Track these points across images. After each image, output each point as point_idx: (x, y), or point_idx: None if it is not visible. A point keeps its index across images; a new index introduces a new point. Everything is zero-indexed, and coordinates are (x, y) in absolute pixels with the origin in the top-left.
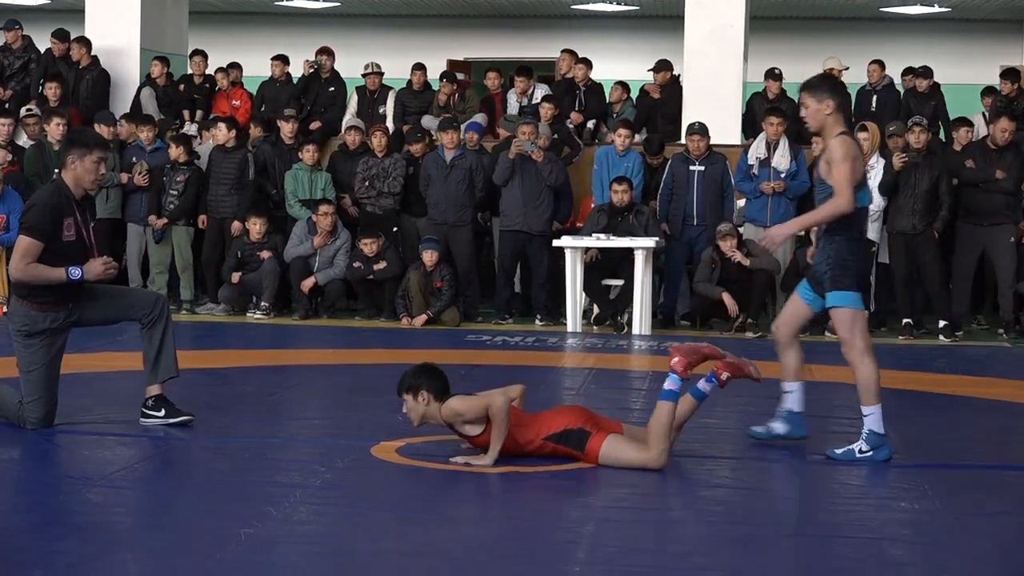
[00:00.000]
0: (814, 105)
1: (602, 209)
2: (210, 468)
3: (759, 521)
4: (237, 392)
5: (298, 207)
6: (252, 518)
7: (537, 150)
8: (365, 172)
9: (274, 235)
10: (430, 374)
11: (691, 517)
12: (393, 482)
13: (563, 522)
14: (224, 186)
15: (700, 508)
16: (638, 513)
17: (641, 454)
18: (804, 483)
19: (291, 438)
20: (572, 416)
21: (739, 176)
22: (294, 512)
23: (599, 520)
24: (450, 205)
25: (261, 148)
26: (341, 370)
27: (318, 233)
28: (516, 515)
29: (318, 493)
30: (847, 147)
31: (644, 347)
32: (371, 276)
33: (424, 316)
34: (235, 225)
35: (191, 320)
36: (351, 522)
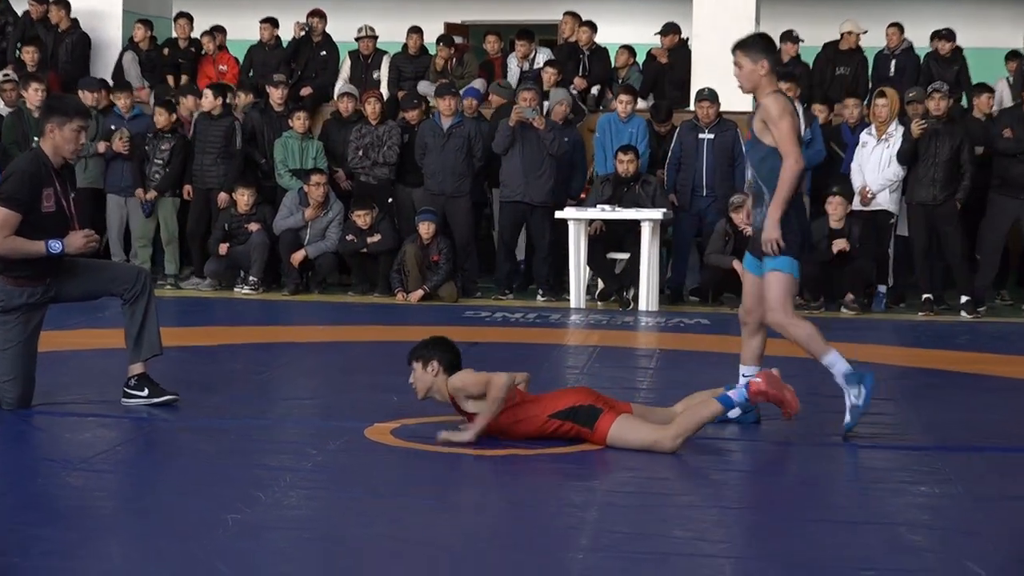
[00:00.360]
0: (749, 65)
1: (607, 179)
2: (196, 450)
3: (771, 506)
4: (224, 371)
5: (288, 177)
6: (240, 503)
7: (539, 117)
8: (358, 141)
9: (263, 206)
10: (443, 346)
11: (700, 502)
12: (388, 465)
13: (566, 507)
14: (210, 155)
15: (709, 492)
16: (644, 498)
17: (655, 433)
18: (819, 467)
19: (281, 419)
20: (580, 395)
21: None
22: (284, 497)
23: (603, 505)
24: (447, 175)
25: (249, 115)
26: (333, 348)
27: (309, 204)
28: (516, 499)
29: (309, 477)
30: (783, 103)
31: (651, 324)
32: (365, 249)
33: (420, 291)
34: (222, 196)
35: (175, 295)
36: (343, 507)
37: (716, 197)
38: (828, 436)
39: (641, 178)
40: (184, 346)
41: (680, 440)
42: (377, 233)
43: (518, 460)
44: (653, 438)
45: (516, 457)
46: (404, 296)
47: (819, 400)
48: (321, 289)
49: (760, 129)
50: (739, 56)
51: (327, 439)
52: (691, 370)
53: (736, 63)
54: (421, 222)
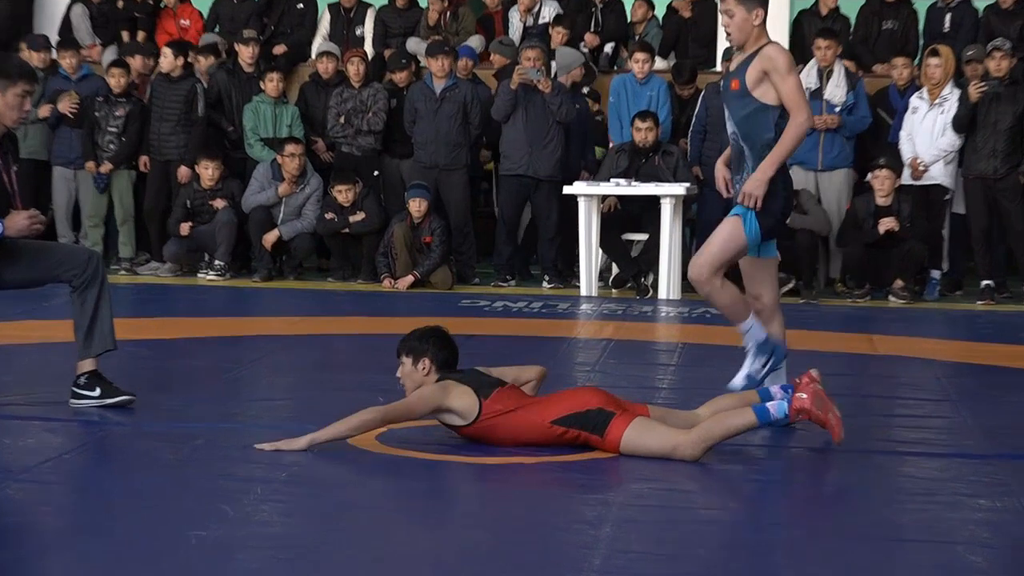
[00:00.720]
0: (742, 14)
1: (622, 149)
2: (154, 459)
3: (808, 522)
4: (186, 368)
5: (259, 147)
6: (205, 518)
7: (544, 79)
8: (340, 106)
9: (230, 181)
10: (439, 342)
11: (726, 517)
12: (372, 475)
13: (575, 523)
14: (169, 122)
15: (737, 506)
16: (664, 512)
17: (674, 438)
18: (862, 476)
19: (251, 423)
20: (588, 396)
21: None
22: (255, 511)
23: (618, 521)
24: (441, 145)
25: (215, 78)
26: (311, 342)
27: (283, 178)
28: (519, 515)
29: (283, 488)
30: (789, 56)
31: (672, 314)
32: (346, 229)
33: (410, 277)
34: (182, 170)
35: (131, 282)
36: (322, 523)
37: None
38: (872, 441)
39: (661, 148)
40: (141, 340)
41: (703, 448)
42: (361, 211)
43: (520, 469)
44: (672, 444)
45: (518, 466)
46: (391, 283)
47: (862, 401)
48: (297, 275)
49: (755, 80)
50: (731, 4)
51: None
52: (718, 367)
53: (725, 11)
54: (411, 198)
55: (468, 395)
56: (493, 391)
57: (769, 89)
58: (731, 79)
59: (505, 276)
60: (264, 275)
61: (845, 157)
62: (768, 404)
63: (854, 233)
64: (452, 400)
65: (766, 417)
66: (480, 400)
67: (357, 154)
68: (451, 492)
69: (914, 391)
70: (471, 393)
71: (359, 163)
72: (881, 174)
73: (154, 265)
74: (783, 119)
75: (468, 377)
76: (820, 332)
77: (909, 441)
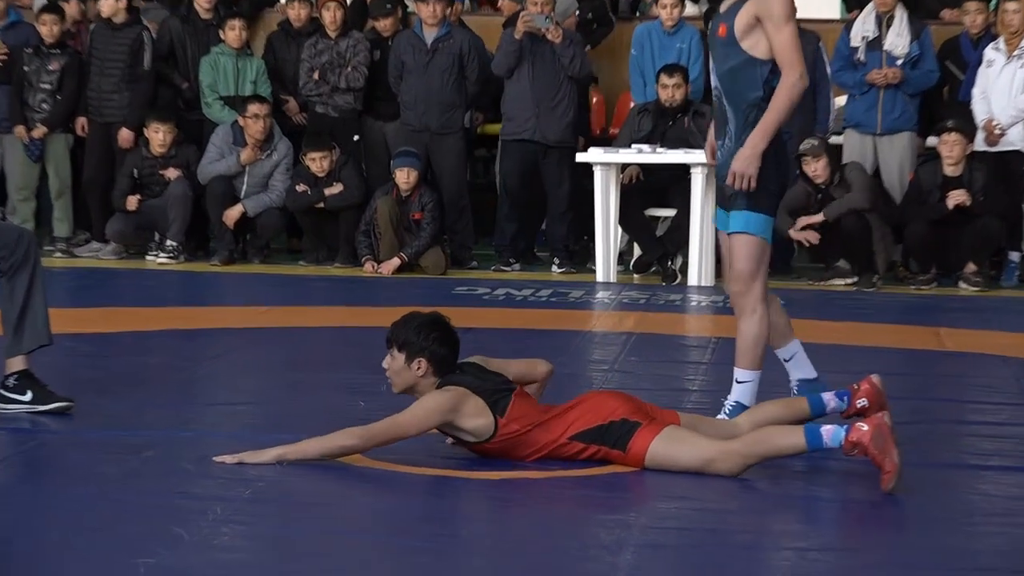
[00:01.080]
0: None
1: (645, 110)
2: (96, 473)
3: (866, 550)
4: (134, 366)
5: (218, 107)
6: (155, 543)
7: (554, 27)
8: (314, 59)
9: (185, 147)
10: (440, 336)
11: (768, 542)
12: (355, 493)
13: (591, 548)
14: (111, 78)
15: (780, 529)
16: (694, 536)
17: (710, 450)
18: (930, 496)
19: (210, 431)
20: (614, 406)
21: (838, 63)
22: (214, 534)
23: (640, 546)
24: (432, 104)
25: (166, 25)
26: (279, 336)
27: (246, 143)
28: (527, 537)
29: (247, 508)
30: (789, 1)
31: (704, 303)
32: (321, 204)
33: (396, 260)
34: (124, 133)
35: (69, 265)
36: (293, 549)
37: (791, 134)
38: (940, 453)
39: (692, 108)
40: (80, 333)
41: (743, 466)
42: (338, 182)
43: (529, 486)
44: (707, 457)
45: (527, 482)
46: (374, 267)
47: (927, 405)
48: (263, 257)
49: (745, 27)
50: None
51: None
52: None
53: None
54: (397, 168)
55: (483, 413)
56: (508, 405)
57: (761, 39)
58: (719, 22)
59: (508, 259)
60: (224, 257)
61: (908, 119)
62: (822, 430)
63: (918, 208)
64: (463, 419)
65: (817, 443)
66: (496, 419)
67: (334, 115)
68: (448, 513)
69: (989, 394)
70: (485, 410)
71: (336, 126)
72: (950, 139)
73: (95, 246)
74: (775, 76)
75: (474, 381)
76: (877, 324)
77: (983, 452)
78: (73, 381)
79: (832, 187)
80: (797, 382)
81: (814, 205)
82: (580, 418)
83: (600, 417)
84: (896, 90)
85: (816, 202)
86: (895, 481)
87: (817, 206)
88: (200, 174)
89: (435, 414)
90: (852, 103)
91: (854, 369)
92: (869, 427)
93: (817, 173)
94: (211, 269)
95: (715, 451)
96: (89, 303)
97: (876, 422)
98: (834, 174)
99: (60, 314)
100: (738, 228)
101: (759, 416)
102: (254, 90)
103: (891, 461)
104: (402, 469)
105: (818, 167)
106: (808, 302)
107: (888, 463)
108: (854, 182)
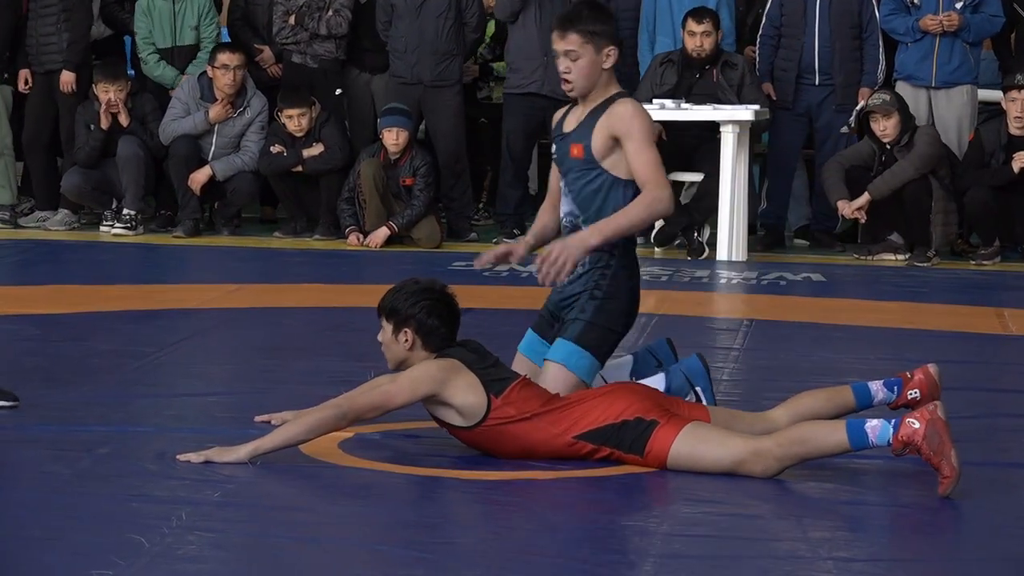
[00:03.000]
0: (589, 56)
1: (669, 60)
2: (45, 473)
3: (917, 559)
4: (86, 352)
5: (154, 62)
6: (111, 552)
7: None
8: (289, 2)
9: (141, 96)
10: (435, 308)
11: (807, 551)
12: (335, 496)
13: (606, 559)
14: (48, 18)
15: (822, 537)
16: (723, 545)
17: (740, 448)
18: (991, 500)
19: (172, 425)
20: (628, 401)
21: (889, 6)
22: (177, 543)
23: (661, 556)
24: (426, 53)
25: None
26: (252, 317)
27: (215, 98)
28: (529, 547)
29: (214, 513)
30: (648, 117)
31: (736, 280)
32: (299, 167)
33: (385, 230)
34: (65, 76)
35: (11, 237)
36: (267, 558)
37: (834, 87)
38: (1003, 452)
39: (722, 59)
40: (24, 315)
41: (779, 467)
42: (318, 143)
43: (532, 488)
44: (737, 458)
45: (531, 484)
46: (359, 238)
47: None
48: (233, 228)
49: (604, 147)
50: (573, 40)
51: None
52: (797, 351)
53: (565, 52)
54: (385, 128)
55: (475, 390)
56: (507, 388)
57: (622, 159)
58: (570, 143)
59: (512, 230)
60: (189, 228)
61: (968, 71)
62: (867, 427)
63: (979, 172)
64: (453, 392)
65: (863, 442)
66: (489, 397)
67: (312, 66)
68: (437, 518)
69: None
70: (478, 387)
71: (316, 78)
72: (1020, 96)
73: (41, 215)
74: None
75: (472, 357)
76: (933, 304)
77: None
78: (17, 370)
79: (897, 148)
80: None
81: (877, 167)
82: (587, 415)
83: (611, 415)
84: (954, 38)
85: (880, 163)
86: (954, 486)
87: (880, 167)
88: (162, 133)
89: (423, 383)
90: (903, 52)
91: (907, 355)
92: (921, 423)
93: (886, 132)
94: (174, 241)
95: (746, 451)
96: (35, 280)
97: (929, 416)
98: (903, 134)
99: (2, 293)
100: (556, 358)
101: (798, 408)
102: (196, 38)
103: (949, 464)
104: (390, 468)
105: (888, 125)
106: (855, 280)
107: (946, 466)
108: (917, 147)
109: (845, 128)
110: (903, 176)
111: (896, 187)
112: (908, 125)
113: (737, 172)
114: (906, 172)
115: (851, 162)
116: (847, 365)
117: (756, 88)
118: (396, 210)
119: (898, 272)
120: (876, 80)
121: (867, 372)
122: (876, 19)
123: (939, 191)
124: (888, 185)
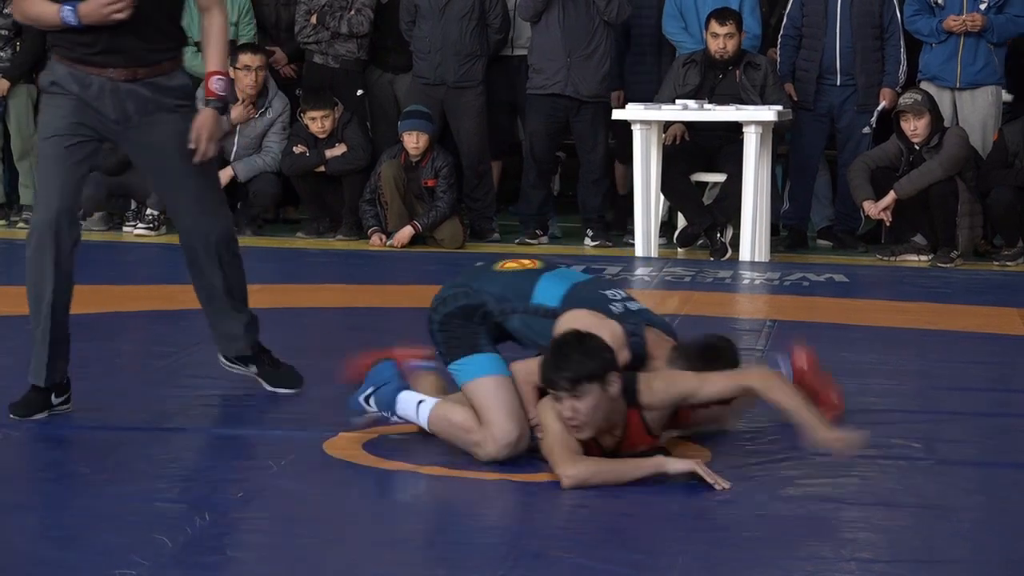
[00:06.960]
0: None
1: (692, 61)
2: (66, 474)
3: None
4: (108, 352)
5: (192, 54)
6: (134, 552)
7: None
8: (311, 1)
9: None
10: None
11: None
12: (355, 495)
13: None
14: None
15: (842, 539)
16: (744, 547)
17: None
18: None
19: (195, 426)
20: None
21: (913, 6)
22: (200, 543)
23: (685, 558)
24: (449, 54)
25: None
26: (274, 318)
27: (236, 99)
28: (552, 548)
29: (239, 514)
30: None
31: (758, 281)
32: (322, 168)
33: (409, 229)
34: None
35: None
36: (289, 558)
37: (855, 88)
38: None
39: (745, 59)
40: None
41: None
42: (340, 143)
43: (555, 488)
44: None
45: (553, 484)
46: (382, 239)
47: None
48: (255, 228)
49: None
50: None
51: (267, 456)
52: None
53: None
54: (405, 132)
55: None
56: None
57: None
58: None
59: (534, 231)
60: None
61: (992, 71)
62: None
63: (1003, 173)
64: None
65: None
66: None
67: (334, 66)
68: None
69: None
70: None
71: (337, 79)
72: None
73: None
74: None
75: None
76: (956, 305)
77: None
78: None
79: (926, 149)
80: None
81: (904, 167)
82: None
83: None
84: (978, 38)
85: (907, 164)
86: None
87: (907, 167)
88: None
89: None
90: (928, 52)
91: (930, 356)
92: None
93: (917, 132)
94: None
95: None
96: None
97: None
98: (933, 135)
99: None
100: (463, 380)
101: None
102: (235, 34)
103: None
104: (412, 468)
105: (919, 125)
106: (878, 281)
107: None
108: (945, 148)
109: (867, 128)
110: (931, 177)
111: (923, 187)
112: (938, 126)
113: (760, 173)
114: (934, 173)
115: (877, 163)
116: (870, 366)
117: (779, 89)
118: (418, 211)
119: (921, 273)
120: (897, 80)
121: (890, 373)
122: (897, 19)
123: (965, 193)
124: (915, 185)
